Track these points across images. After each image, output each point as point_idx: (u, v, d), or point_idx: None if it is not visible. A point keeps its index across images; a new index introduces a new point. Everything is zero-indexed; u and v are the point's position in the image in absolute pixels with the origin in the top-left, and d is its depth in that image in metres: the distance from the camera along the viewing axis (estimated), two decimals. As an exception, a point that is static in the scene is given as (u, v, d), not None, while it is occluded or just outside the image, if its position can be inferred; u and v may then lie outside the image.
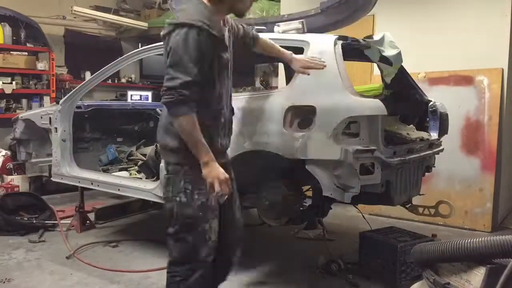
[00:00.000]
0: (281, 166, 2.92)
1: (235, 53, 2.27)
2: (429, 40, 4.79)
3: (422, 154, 3.14)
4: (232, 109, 2.34)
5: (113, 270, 3.41)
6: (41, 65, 6.68)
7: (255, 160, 2.95)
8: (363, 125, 2.58)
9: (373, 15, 5.07)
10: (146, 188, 3.44)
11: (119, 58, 3.81)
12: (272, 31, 3.14)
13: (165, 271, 2.23)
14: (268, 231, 4.16)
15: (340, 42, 2.79)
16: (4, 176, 5.51)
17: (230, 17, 2.28)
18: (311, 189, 3.29)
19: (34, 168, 5.56)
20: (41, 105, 6.59)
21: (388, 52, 3.07)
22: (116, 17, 7.92)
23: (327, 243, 3.56)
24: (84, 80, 5.55)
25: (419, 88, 3.59)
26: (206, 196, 2.11)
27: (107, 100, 7.28)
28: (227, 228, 2.31)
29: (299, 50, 2.87)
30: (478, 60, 4.51)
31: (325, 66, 2.56)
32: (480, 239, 1.59)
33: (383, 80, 3.43)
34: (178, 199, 2.11)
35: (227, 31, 2.19)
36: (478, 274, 1.61)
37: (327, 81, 2.68)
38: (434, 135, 3.50)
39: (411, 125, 3.43)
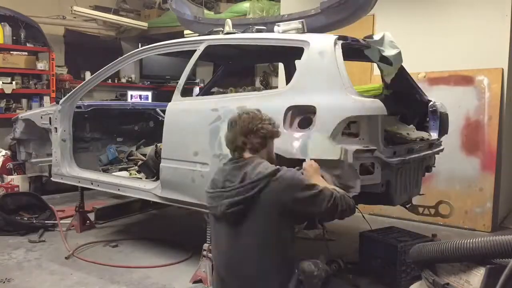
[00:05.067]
0: (281, 166, 2.91)
1: None
2: (429, 40, 4.79)
3: (422, 154, 3.14)
4: None
5: (114, 265, 3.43)
6: (41, 65, 6.67)
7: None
8: (363, 125, 2.59)
9: (373, 15, 5.06)
10: (146, 188, 3.44)
11: (119, 58, 3.81)
12: (272, 31, 3.14)
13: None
14: (268, 231, 4.15)
15: (340, 42, 2.78)
16: (4, 176, 5.50)
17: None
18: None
19: (34, 168, 5.55)
20: (41, 105, 6.58)
21: (388, 52, 3.07)
22: (116, 17, 7.91)
23: (327, 243, 3.55)
24: (84, 80, 5.54)
25: (419, 88, 3.58)
26: None
27: (107, 100, 7.27)
28: None
29: (299, 50, 2.87)
30: (478, 60, 4.51)
31: None
32: (480, 239, 1.59)
33: (383, 80, 3.43)
34: None
35: None
36: (478, 274, 1.60)
37: (327, 81, 2.68)
38: (434, 135, 3.50)
39: (411, 125, 3.43)
